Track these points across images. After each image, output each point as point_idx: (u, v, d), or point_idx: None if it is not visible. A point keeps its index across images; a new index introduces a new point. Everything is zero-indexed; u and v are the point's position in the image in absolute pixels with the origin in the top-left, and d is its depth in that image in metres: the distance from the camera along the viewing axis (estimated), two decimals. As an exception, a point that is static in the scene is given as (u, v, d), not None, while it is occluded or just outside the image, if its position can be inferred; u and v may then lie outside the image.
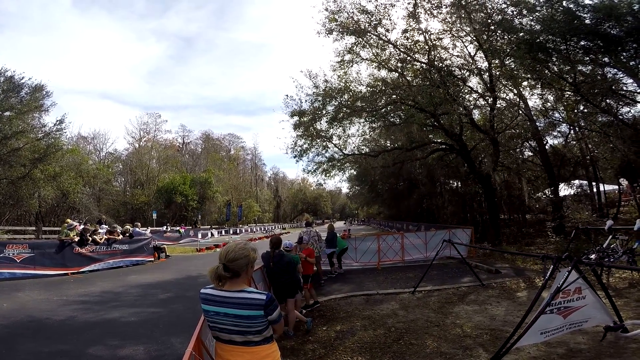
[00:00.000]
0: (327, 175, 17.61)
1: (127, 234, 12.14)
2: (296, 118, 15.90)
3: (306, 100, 15.42)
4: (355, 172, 27.27)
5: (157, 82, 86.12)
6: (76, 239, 9.94)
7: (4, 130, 20.36)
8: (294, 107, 15.75)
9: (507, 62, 12.23)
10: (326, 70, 19.02)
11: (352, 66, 14.43)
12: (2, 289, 7.21)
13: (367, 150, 18.89)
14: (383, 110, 14.53)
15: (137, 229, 13.52)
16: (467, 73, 13.46)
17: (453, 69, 13.23)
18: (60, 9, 66.69)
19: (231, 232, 32.11)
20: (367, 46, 13.76)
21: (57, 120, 22.11)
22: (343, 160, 17.77)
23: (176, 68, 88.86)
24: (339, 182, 76.15)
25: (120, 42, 75.97)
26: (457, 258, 9.11)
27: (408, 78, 13.81)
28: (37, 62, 59.95)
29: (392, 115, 15.43)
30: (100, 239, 10.68)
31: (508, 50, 11.43)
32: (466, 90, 13.87)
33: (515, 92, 14.04)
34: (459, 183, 21.32)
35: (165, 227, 25.33)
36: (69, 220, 10.87)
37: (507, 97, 14.51)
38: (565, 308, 3.21)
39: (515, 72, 11.92)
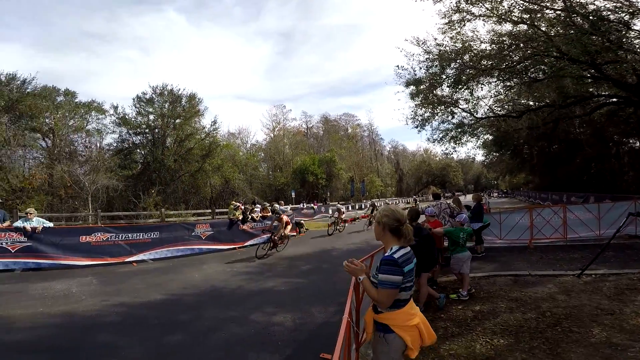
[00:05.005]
0: (457, 142, 16.16)
1: (275, 212, 14.09)
2: (412, 87, 15.10)
3: (420, 68, 14.40)
4: (491, 137, 23.82)
5: (274, 78, 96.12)
6: (240, 217, 12.14)
7: (179, 135, 26.59)
8: (407, 77, 15.00)
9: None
10: (435, 34, 16.95)
11: (464, 25, 12.59)
12: (194, 263, 8.79)
13: (503, 111, 16.31)
14: (519, 66, 12.18)
15: (282, 207, 15.62)
16: (627, 16, 9.91)
17: (604, 13, 9.93)
18: (179, 27, 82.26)
19: (357, 207, 33.52)
20: (478, 1, 11.67)
21: (212, 122, 27.81)
22: (475, 125, 15.96)
23: (285, 62, 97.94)
24: (470, 150, 67.92)
25: (235, 47, 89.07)
26: (647, 236, 7.07)
27: (542, 29, 11.09)
28: (175, 75, 77.21)
29: (531, 70, 12.75)
30: (257, 217, 12.80)
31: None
32: (633, 35, 10.26)
33: None
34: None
35: (302, 204, 28.48)
36: (233, 202, 13.39)
37: None
38: None
39: None
